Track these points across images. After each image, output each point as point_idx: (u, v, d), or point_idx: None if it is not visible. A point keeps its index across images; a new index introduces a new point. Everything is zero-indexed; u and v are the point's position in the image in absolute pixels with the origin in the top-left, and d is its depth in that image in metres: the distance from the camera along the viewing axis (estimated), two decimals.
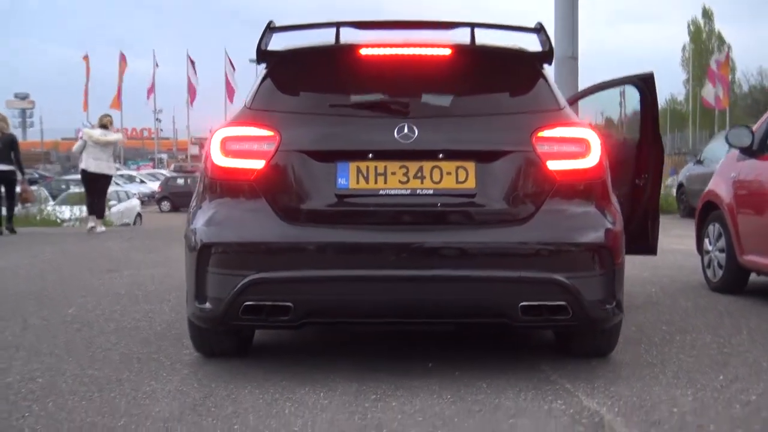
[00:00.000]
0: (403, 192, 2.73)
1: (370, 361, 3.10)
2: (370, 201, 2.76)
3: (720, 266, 4.87)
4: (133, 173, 38.32)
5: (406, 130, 2.71)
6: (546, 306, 2.71)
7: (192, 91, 43.42)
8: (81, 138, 10.57)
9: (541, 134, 2.81)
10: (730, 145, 4.76)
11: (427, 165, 2.72)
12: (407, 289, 2.70)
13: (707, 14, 50.21)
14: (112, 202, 15.10)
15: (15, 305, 4.48)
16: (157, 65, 45.12)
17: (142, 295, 4.84)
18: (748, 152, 4.62)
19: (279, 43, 3.14)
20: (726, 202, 4.79)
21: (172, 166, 48.55)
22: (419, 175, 2.72)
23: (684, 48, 51.15)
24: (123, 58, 41.46)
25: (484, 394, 2.69)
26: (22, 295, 4.84)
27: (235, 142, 2.82)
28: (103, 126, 10.13)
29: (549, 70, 3.22)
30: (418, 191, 2.73)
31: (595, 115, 4.95)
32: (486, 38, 3.16)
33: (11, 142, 9.78)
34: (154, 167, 48.89)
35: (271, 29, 3.11)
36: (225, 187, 2.84)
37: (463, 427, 2.40)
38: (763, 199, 4.43)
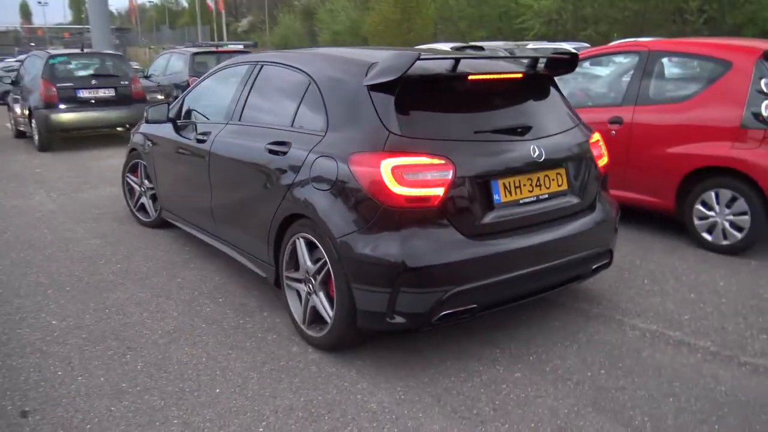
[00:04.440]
0: (532, 199, 3.23)
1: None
2: (516, 210, 3.17)
3: None
4: None
5: (537, 150, 3.22)
6: (602, 264, 3.62)
7: None
8: None
9: (591, 140, 3.61)
10: None
11: (541, 175, 3.27)
12: (544, 275, 3.27)
13: None
14: None
15: None
16: None
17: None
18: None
19: None
20: None
21: None
22: (538, 183, 3.26)
23: None
24: None
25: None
26: None
27: (411, 172, 2.89)
28: None
29: None
30: (539, 197, 3.26)
31: None
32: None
33: None
34: None
35: (420, 59, 2.97)
36: (410, 213, 2.90)
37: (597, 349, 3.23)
38: None
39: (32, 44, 67.99)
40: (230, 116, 4.10)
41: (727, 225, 4.67)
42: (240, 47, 13.32)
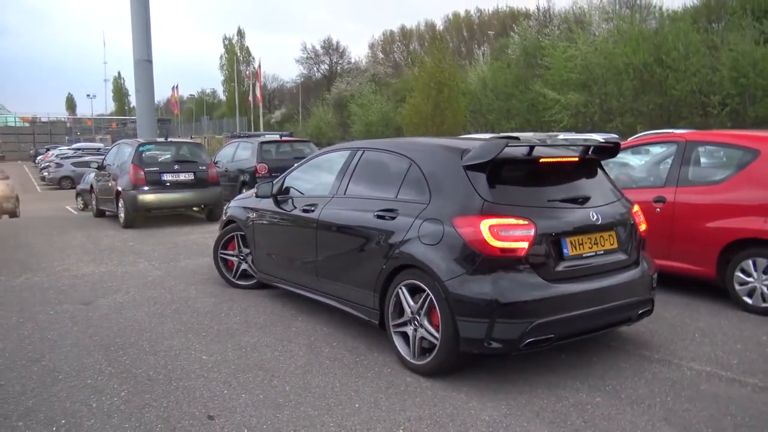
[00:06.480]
0: (592, 254, 4.09)
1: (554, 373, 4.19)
2: (580, 262, 4.02)
3: None
4: None
5: (595, 215, 4.13)
6: (646, 311, 4.41)
7: None
8: None
9: (634, 210, 4.53)
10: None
11: (597, 235, 4.13)
12: (602, 314, 4.08)
13: (240, 32, 68.80)
14: None
15: None
16: None
17: None
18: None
19: None
20: None
21: None
22: (596, 242, 4.13)
23: (221, 56, 69.69)
24: None
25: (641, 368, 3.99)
26: None
27: (503, 230, 3.77)
28: None
29: None
30: (597, 252, 4.12)
31: None
32: None
33: None
34: None
35: (508, 145, 3.98)
36: (502, 261, 3.77)
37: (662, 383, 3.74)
38: None
39: (78, 133, 73.73)
40: (335, 191, 5.01)
41: (765, 289, 5.33)
42: (294, 137, 15.36)
